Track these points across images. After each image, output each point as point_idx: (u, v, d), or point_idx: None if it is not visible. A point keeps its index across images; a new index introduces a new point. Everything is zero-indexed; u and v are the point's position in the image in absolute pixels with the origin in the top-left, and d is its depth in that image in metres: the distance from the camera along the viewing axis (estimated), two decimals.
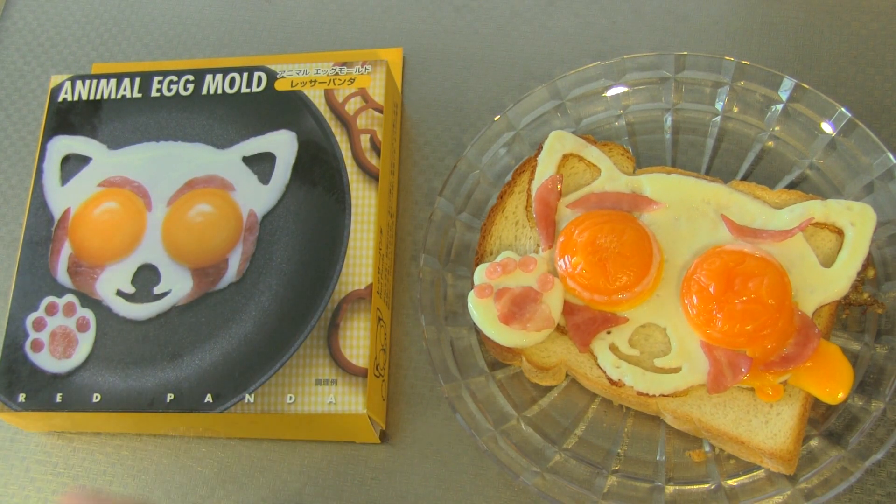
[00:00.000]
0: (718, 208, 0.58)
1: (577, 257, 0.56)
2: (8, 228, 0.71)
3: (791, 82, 0.62)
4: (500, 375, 0.59)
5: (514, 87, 0.70)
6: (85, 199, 0.64)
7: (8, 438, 0.64)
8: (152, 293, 0.61)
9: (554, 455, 0.56)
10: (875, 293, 0.57)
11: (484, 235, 0.62)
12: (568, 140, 0.62)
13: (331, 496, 0.59)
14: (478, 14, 0.73)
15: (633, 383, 0.54)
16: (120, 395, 0.59)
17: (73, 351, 0.60)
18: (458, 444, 0.59)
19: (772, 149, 0.63)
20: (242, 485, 0.60)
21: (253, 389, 0.58)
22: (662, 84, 0.65)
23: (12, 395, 0.60)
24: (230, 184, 0.63)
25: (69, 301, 0.62)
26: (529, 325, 0.56)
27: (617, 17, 0.71)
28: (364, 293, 0.59)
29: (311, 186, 0.63)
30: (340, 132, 0.64)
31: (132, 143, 0.66)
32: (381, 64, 0.66)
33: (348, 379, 0.57)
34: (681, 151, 0.64)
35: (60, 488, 0.62)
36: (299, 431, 0.60)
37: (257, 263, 0.61)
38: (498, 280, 0.57)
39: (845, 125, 0.60)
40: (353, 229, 0.61)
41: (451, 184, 0.63)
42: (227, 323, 0.60)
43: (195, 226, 0.63)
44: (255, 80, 0.66)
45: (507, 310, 0.56)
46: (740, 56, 0.64)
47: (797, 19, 0.69)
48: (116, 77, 0.68)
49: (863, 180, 0.59)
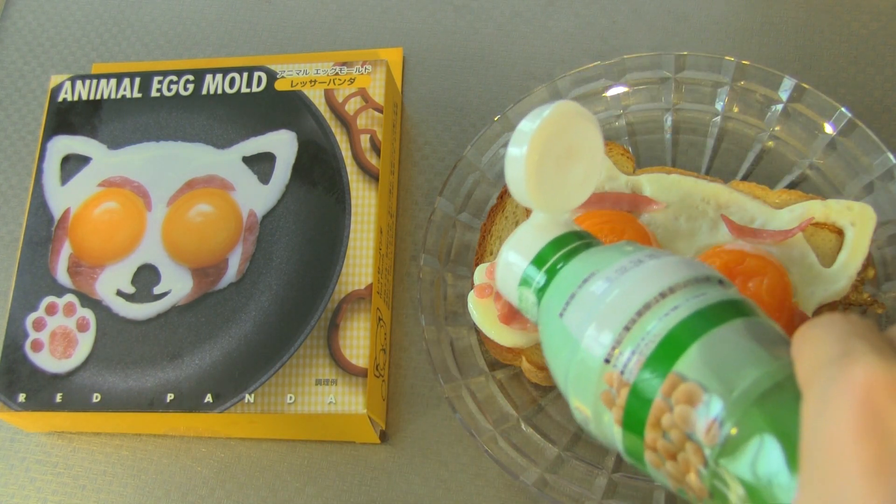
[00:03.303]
0: (718, 208, 0.58)
1: None
2: (8, 228, 0.71)
3: (791, 82, 0.62)
4: (500, 375, 0.59)
5: (514, 87, 0.70)
6: (85, 199, 0.64)
7: (8, 438, 0.64)
8: (152, 293, 0.61)
9: (554, 455, 0.56)
10: (875, 293, 0.57)
11: (484, 235, 0.62)
12: None
13: (331, 496, 0.59)
14: (478, 14, 0.73)
15: None
16: (120, 395, 0.59)
17: (73, 351, 0.60)
18: (458, 444, 0.59)
19: (772, 149, 0.63)
20: (242, 485, 0.60)
21: (253, 389, 0.58)
22: (662, 84, 0.65)
23: (12, 395, 0.60)
24: (230, 184, 0.63)
25: (69, 301, 0.62)
26: (529, 325, 0.56)
27: (617, 17, 0.71)
28: (364, 293, 0.59)
29: (311, 186, 0.63)
30: (340, 132, 0.64)
31: (132, 143, 0.66)
32: (381, 64, 0.66)
33: (348, 379, 0.57)
34: (681, 151, 0.64)
35: (60, 488, 0.62)
36: (299, 431, 0.60)
37: (257, 263, 0.61)
38: None
39: (845, 125, 0.60)
40: (353, 229, 0.61)
41: (451, 184, 0.63)
42: (227, 323, 0.60)
43: (195, 226, 0.63)
44: (255, 80, 0.66)
45: (507, 310, 0.56)
46: (740, 56, 0.64)
47: (797, 19, 0.69)
48: (116, 77, 0.68)
49: (863, 180, 0.59)
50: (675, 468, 0.34)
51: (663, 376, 0.34)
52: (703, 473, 0.33)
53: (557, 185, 0.43)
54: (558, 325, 0.39)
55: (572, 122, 0.42)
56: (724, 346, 0.34)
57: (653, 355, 0.35)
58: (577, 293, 0.39)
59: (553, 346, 0.40)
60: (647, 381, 0.35)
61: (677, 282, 0.37)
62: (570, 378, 0.38)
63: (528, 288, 0.43)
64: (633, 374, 0.35)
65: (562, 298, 0.40)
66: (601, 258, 0.40)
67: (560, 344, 0.39)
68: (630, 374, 0.35)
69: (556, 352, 0.39)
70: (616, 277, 0.38)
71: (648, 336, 0.35)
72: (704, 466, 0.32)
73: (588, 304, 0.38)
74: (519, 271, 0.43)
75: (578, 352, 0.37)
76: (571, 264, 0.41)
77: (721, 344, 0.34)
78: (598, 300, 0.38)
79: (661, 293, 0.36)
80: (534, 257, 0.43)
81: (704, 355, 0.34)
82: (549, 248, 0.42)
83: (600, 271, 0.39)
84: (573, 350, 0.38)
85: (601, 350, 0.36)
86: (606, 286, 0.38)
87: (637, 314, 0.36)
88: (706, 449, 0.32)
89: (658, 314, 0.36)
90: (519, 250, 0.44)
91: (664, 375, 0.34)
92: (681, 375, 0.34)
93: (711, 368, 0.33)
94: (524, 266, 0.43)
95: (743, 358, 0.33)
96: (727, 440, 0.32)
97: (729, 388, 0.32)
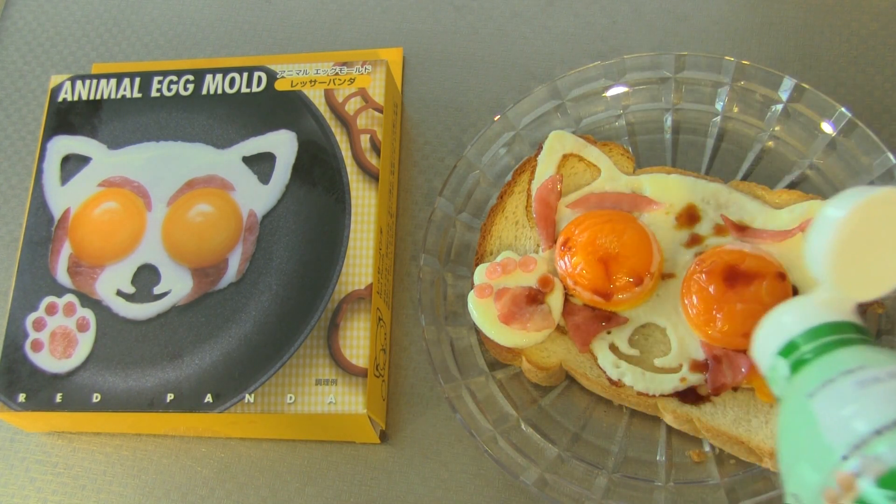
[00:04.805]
0: (718, 208, 0.58)
1: (578, 257, 0.56)
2: (8, 228, 0.71)
3: (791, 82, 0.62)
4: (500, 375, 0.59)
5: (514, 87, 0.70)
6: (85, 199, 0.64)
7: (8, 438, 0.64)
8: (152, 293, 0.61)
9: (554, 455, 0.56)
10: None
11: (484, 235, 0.62)
12: (568, 140, 0.62)
13: (331, 496, 0.59)
14: (478, 14, 0.73)
15: (633, 383, 0.54)
16: (120, 395, 0.59)
17: (73, 351, 0.60)
18: (458, 444, 0.59)
19: (772, 149, 0.63)
20: (242, 485, 0.60)
21: (253, 389, 0.58)
22: (662, 84, 0.65)
23: (12, 395, 0.60)
24: (230, 184, 0.63)
25: (69, 301, 0.62)
26: (529, 325, 0.56)
27: (617, 17, 0.71)
28: (364, 293, 0.59)
29: (311, 186, 0.63)
30: (340, 132, 0.64)
31: (132, 143, 0.66)
32: (381, 64, 0.66)
33: (348, 379, 0.57)
34: (681, 151, 0.64)
35: (60, 488, 0.62)
36: (299, 431, 0.60)
37: (257, 263, 0.61)
38: (498, 280, 0.57)
39: (845, 125, 0.60)
40: (353, 229, 0.61)
41: (451, 184, 0.63)
42: (227, 323, 0.60)
43: (195, 226, 0.63)
44: (255, 80, 0.66)
45: (507, 310, 0.56)
46: (740, 56, 0.64)
47: (797, 19, 0.69)
48: (116, 77, 0.68)
49: (863, 180, 0.59)
50: None
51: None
52: None
53: (860, 267, 0.40)
54: (804, 406, 0.37)
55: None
56: None
57: (892, 471, 0.33)
58: (837, 380, 0.37)
59: (790, 427, 0.38)
60: (877, 495, 0.33)
61: None
62: (797, 463, 0.36)
63: (787, 357, 0.41)
64: (867, 481, 0.33)
65: (818, 380, 0.37)
66: (875, 357, 0.38)
67: (799, 425, 0.37)
68: (864, 482, 0.33)
69: (791, 432, 0.38)
70: (885, 379, 0.36)
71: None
72: None
73: (845, 395, 0.36)
74: (786, 336, 0.41)
75: (817, 438, 0.35)
76: (843, 351, 0.39)
77: None
78: (856, 395, 0.36)
79: None
80: (808, 330, 0.40)
81: None
82: (827, 328, 0.40)
83: (868, 368, 0.37)
84: (811, 436, 0.36)
85: (841, 445, 0.34)
86: (871, 384, 0.36)
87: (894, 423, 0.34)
88: None
89: None
90: (794, 316, 0.41)
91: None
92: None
93: None
94: (795, 333, 0.41)
95: None
96: None
97: None
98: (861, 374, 0.36)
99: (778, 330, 0.42)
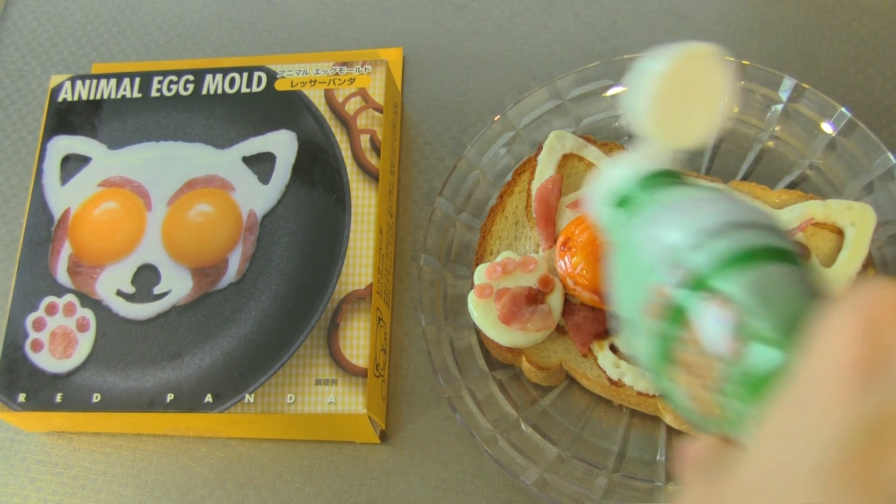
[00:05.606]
0: None
1: (577, 257, 0.56)
2: (8, 228, 0.71)
3: (791, 82, 0.62)
4: (500, 375, 0.59)
5: (514, 87, 0.70)
6: (85, 199, 0.64)
7: (8, 438, 0.64)
8: (152, 293, 0.61)
9: (554, 455, 0.56)
10: None
11: (484, 235, 0.62)
12: (568, 140, 0.62)
13: (331, 496, 0.59)
14: (478, 14, 0.73)
15: (633, 383, 0.54)
16: (120, 395, 0.59)
17: (73, 351, 0.60)
18: (458, 444, 0.59)
19: (772, 149, 0.63)
20: (242, 485, 0.60)
21: (253, 389, 0.58)
22: None
23: (12, 395, 0.60)
24: (230, 184, 0.63)
25: (69, 301, 0.62)
26: (529, 325, 0.56)
27: (617, 17, 0.71)
28: (364, 293, 0.59)
29: (311, 186, 0.63)
30: (340, 132, 0.64)
31: (132, 143, 0.66)
32: (381, 64, 0.66)
33: (348, 379, 0.57)
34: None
35: (60, 488, 0.62)
36: (299, 431, 0.60)
37: (257, 263, 0.61)
38: (498, 280, 0.57)
39: (845, 125, 0.60)
40: (353, 229, 0.61)
41: (451, 184, 0.63)
42: (227, 323, 0.60)
43: (195, 226, 0.63)
44: (255, 80, 0.66)
45: (507, 310, 0.56)
46: (740, 56, 0.64)
47: (797, 19, 0.69)
48: (116, 77, 0.68)
49: (863, 180, 0.59)
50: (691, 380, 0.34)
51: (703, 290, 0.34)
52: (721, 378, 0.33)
53: (677, 118, 0.43)
54: (626, 239, 0.40)
55: (708, 64, 0.42)
56: (772, 279, 0.34)
57: (695, 274, 0.35)
58: (655, 210, 0.40)
59: (617, 261, 0.40)
60: (686, 297, 0.35)
61: (749, 219, 0.37)
62: (620, 290, 0.39)
63: (622, 208, 0.43)
64: (674, 286, 0.35)
65: (643, 216, 0.41)
66: (692, 190, 0.41)
67: (623, 256, 0.40)
68: (672, 288, 0.35)
69: (618, 264, 0.40)
70: (690, 201, 0.39)
71: (705, 254, 0.35)
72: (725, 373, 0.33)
73: (656, 218, 0.39)
74: (618, 187, 0.43)
75: (635, 261, 0.38)
76: (666, 191, 0.42)
77: (768, 278, 0.34)
78: (665, 216, 0.39)
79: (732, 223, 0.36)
80: (637, 179, 0.43)
81: (746, 278, 0.34)
82: (654, 176, 0.43)
83: (682, 198, 0.40)
84: (630, 261, 0.38)
85: (652, 259, 0.37)
86: (676, 206, 0.39)
87: (705, 234, 0.36)
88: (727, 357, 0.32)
89: (730, 237, 0.35)
90: (623, 169, 0.44)
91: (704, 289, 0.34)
92: (719, 291, 0.34)
93: (754, 292, 0.33)
94: (625, 184, 0.43)
95: (785, 288, 0.34)
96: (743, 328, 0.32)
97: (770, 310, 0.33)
98: (673, 200, 0.40)
99: (610, 183, 0.44)
